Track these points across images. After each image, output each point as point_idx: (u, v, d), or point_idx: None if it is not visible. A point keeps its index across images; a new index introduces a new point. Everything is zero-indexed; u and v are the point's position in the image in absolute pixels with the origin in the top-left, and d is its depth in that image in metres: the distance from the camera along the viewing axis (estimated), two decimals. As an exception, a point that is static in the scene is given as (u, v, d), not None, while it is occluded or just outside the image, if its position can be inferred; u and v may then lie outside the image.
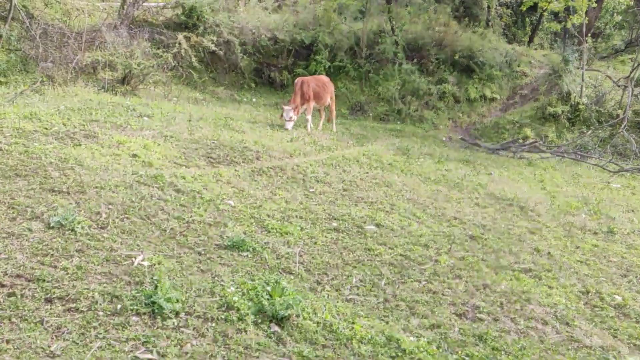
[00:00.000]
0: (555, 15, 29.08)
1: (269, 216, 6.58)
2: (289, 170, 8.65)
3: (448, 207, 8.40)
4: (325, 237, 6.32)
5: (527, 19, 27.64)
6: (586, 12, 16.26)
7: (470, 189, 9.62)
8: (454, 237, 7.06)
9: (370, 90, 17.59)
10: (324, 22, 17.64)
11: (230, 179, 7.62)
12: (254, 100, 15.52)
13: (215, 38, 15.65)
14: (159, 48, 15.05)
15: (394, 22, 17.63)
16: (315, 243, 6.05)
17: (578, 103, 15.78)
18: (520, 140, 15.00)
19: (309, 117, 12.23)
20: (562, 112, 15.70)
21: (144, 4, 15.92)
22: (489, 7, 25.87)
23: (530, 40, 26.17)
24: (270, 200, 7.19)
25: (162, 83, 14.31)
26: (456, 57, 17.73)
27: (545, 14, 26.66)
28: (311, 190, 8.05)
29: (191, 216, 5.96)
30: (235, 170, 8.04)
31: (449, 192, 9.26)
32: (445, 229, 7.38)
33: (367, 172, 9.57)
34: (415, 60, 17.73)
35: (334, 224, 6.79)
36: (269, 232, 6.08)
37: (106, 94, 12.00)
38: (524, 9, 25.58)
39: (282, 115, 11.77)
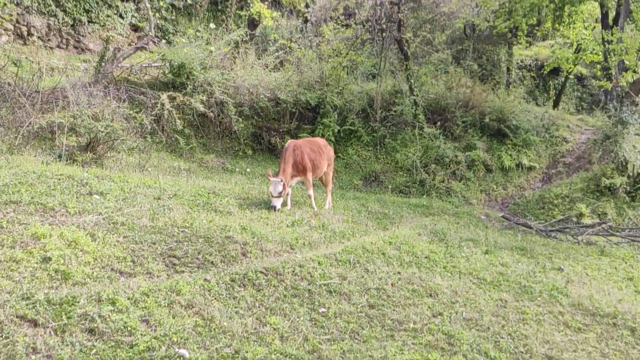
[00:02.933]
0: (579, 79, 27.30)
1: (249, 378, 3.75)
2: (289, 275, 5.87)
3: (528, 333, 5.53)
4: None
5: (550, 83, 25.72)
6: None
7: (546, 296, 6.77)
8: (566, 404, 4.16)
9: (387, 157, 15.07)
10: (332, 81, 15.42)
11: (194, 297, 4.83)
12: (248, 170, 12.97)
13: (205, 98, 13.36)
14: (139, 110, 12.75)
15: (412, 81, 15.40)
16: None
17: (639, 173, 13.13)
18: (574, 219, 12.25)
19: (311, 192, 9.51)
20: (620, 184, 13.02)
21: (124, 61, 13.80)
22: (508, 69, 24.05)
23: (556, 105, 24.09)
24: (255, 338, 4.38)
25: (138, 150, 11.84)
26: (486, 120, 15.35)
27: (571, 77, 24.81)
28: (322, 310, 5.24)
29: (97, 397, 3.14)
30: (206, 280, 5.26)
31: (519, 303, 6.41)
32: (543, 384, 4.49)
33: (399, 273, 6.77)
34: (438, 123, 15.34)
35: (363, 388, 3.94)
36: None
37: (60, 164, 9.46)
38: (547, 70, 23.73)
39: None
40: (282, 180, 8.60)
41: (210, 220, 7.37)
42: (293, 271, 6.01)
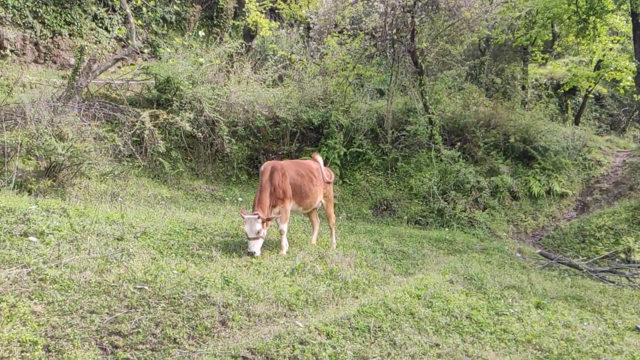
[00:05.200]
0: (597, 98, 25.71)
1: None
2: (285, 360, 4.05)
3: None
4: None
5: (567, 102, 24.10)
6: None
7: (640, 377, 4.92)
8: None
9: (399, 183, 13.31)
10: (338, 98, 13.76)
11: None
12: (240, 199, 11.17)
13: (193, 116, 11.67)
14: (114, 129, 11.06)
15: (427, 98, 13.72)
16: None
17: (692, 201, 11.40)
18: (622, 255, 10.44)
19: (284, 227, 7.19)
20: (671, 214, 11.26)
21: (102, 74, 12.14)
22: (523, 87, 22.48)
23: (576, 124, 22.42)
24: None
25: (112, 176, 10.11)
26: (510, 141, 13.62)
27: (591, 95, 23.22)
28: None
29: None
30: (156, 379, 3.45)
31: (608, 392, 4.56)
32: None
33: (438, 345, 4.94)
34: (456, 145, 13.60)
35: None
36: None
37: (7, 194, 7.70)
38: (566, 89, 22.20)
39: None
40: (258, 216, 6.69)
41: (182, 270, 5.58)
42: (292, 352, 4.19)
